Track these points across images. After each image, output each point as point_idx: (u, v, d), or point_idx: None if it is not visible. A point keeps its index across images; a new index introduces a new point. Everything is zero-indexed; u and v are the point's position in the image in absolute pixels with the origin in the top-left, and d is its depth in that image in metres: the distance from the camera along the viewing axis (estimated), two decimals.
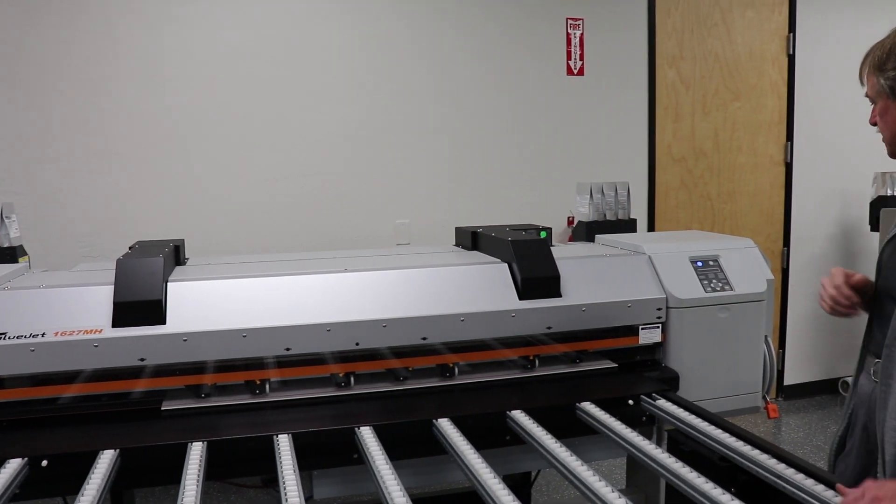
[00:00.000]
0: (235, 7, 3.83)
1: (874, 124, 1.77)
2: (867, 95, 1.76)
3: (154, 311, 1.99)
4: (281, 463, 1.68)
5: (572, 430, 2.03)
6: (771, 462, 1.66)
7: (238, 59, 3.85)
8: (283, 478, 1.60)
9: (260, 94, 3.90)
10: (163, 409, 2.02)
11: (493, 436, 1.97)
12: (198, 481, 1.58)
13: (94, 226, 3.72)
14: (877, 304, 1.80)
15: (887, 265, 1.77)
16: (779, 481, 1.60)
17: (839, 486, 1.50)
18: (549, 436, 1.83)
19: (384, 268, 2.28)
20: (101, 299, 2.00)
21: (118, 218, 3.74)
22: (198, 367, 2.03)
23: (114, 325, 1.96)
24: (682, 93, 4.79)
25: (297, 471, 1.63)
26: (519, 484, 3.07)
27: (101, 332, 1.95)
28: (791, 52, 5.02)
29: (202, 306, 2.06)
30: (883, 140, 1.77)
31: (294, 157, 3.98)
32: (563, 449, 1.76)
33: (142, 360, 1.96)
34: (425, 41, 4.15)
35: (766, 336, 2.50)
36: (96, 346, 1.93)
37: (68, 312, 1.98)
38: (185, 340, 1.98)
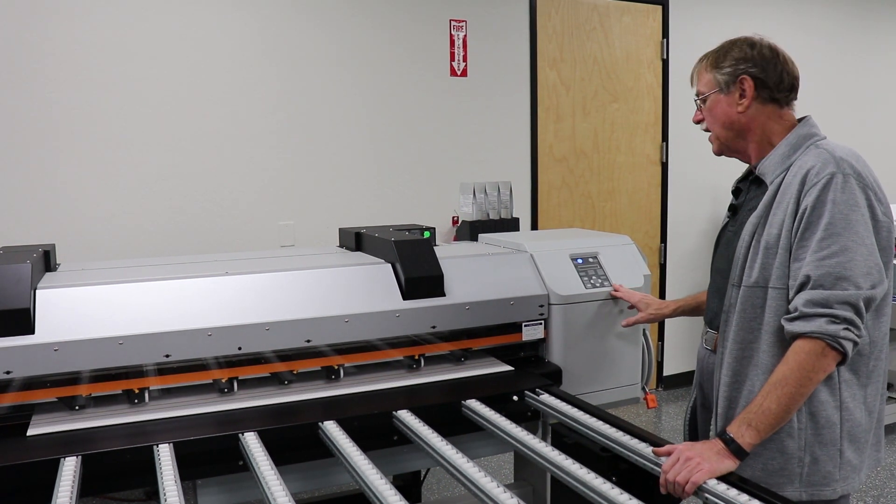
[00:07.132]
0: (112, 3, 3.68)
1: (699, 122, 1.96)
2: (698, 95, 1.94)
3: (21, 321, 1.89)
4: (161, 474, 1.63)
5: (459, 427, 2.05)
6: (648, 450, 1.73)
7: (114, 56, 3.69)
8: (163, 489, 1.55)
9: (136, 93, 3.75)
10: (32, 423, 1.91)
11: (379, 436, 1.98)
12: (71, 499, 1.51)
13: None
14: (710, 281, 2.06)
15: (719, 248, 2.05)
16: (656, 468, 1.67)
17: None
18: (436, 434, 1.85)
19: (266, 270, 2.24)
20: None
21: None
22: (71, 378, 1.94)
23: None
24: (563, 94, 4.91)
25: (178, 481, 1.59)
26: (409, 483, 3.08)
27: None
28: (665, 57, 5.23)
29: (75, 314, 1.97)
30: (709, 139, 1.96)
31: (172, 158, 3.85)
32: (450, 447, 1.77)
33: (8, 372, 1.86)
34: (307, 41, 4.10)
35: (644, 329, 2.60)
36: None
37: None
38: (55, 350, 1.89)
